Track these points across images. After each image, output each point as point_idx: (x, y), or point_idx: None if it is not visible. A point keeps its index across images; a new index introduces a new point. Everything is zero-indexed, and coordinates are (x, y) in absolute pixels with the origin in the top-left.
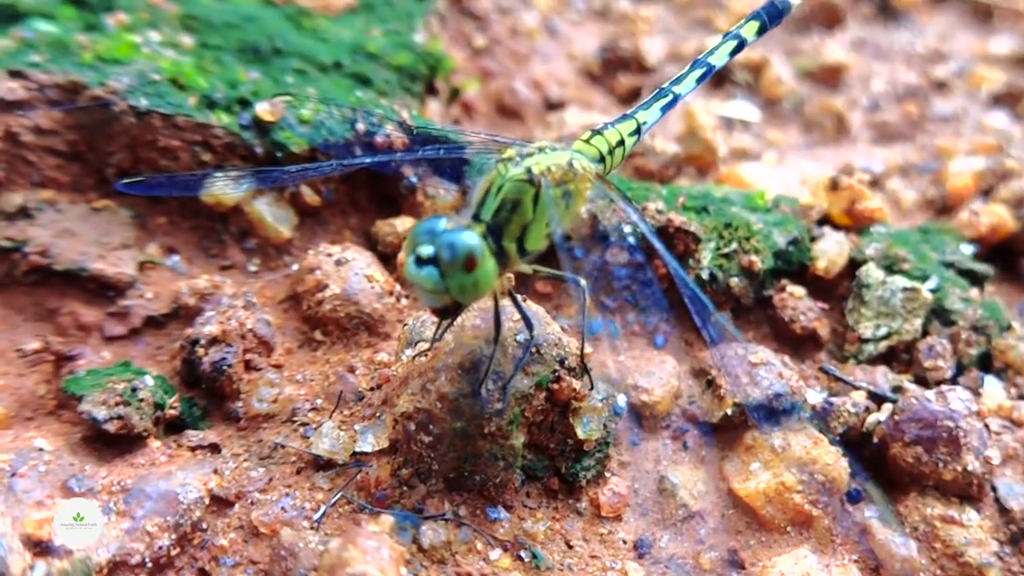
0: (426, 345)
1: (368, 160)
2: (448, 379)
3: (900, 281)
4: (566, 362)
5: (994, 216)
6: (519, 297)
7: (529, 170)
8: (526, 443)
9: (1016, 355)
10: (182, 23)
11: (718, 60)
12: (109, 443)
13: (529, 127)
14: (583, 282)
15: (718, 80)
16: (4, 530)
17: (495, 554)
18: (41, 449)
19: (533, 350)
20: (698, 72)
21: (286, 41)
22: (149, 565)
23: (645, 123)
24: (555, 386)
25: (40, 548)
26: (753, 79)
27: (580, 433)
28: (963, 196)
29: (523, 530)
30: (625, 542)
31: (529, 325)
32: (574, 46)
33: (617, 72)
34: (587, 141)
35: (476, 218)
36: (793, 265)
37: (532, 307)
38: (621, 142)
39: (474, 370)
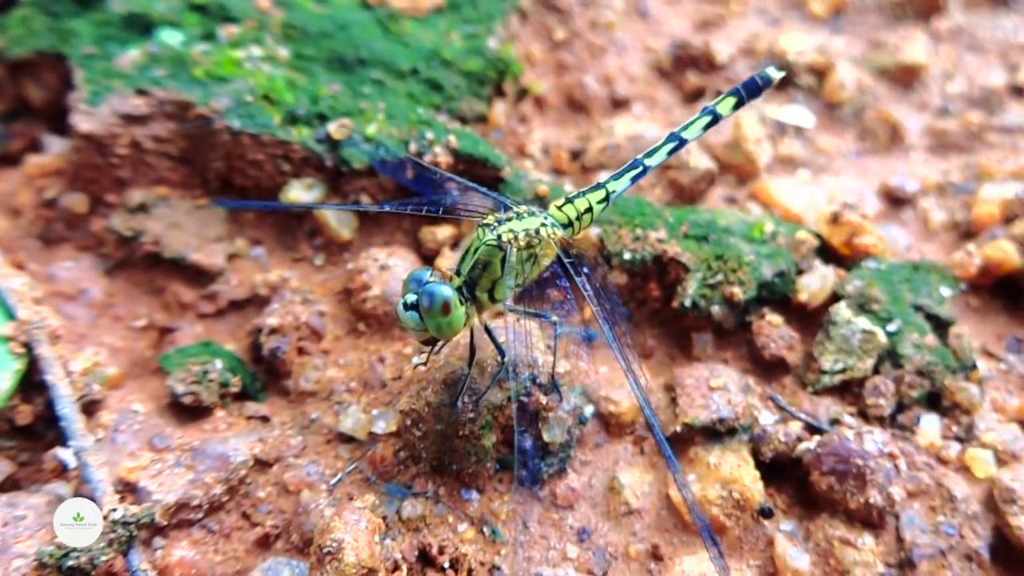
0: (425, 357)
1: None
2: (433, 391)
3: (862, 322)
4: (537, 379)
5: (999, 252)
6: (493, 330)
7: (499, 236)
8: (501, 440)
9: (964, 396)
10: (283, 31)
11: (691, 134)
12: (185, 411)
13: (596, 122)
14: (554, 318)
15: (782, 83)
16: (101, 477)
17: (463, 527)
18: (137, 411)
19: (510, 369)
20: (670, 145)
21: (371, 49)
22: (206, 507)
23: (615, 191)
24: (526, 399)
25: (129, 488)
26: (817, 83)
27: (546, 437)
28: (986, 224)
29: (490, 509)
30: (572, 528)
31: (501, 353)
32: (661, 29)
33: (686, 70)
34: (560, 208)
35: (458, 272)
36: (777, 295)
37: (526, 328)
38: (589, 209)
39: (454, 386)
